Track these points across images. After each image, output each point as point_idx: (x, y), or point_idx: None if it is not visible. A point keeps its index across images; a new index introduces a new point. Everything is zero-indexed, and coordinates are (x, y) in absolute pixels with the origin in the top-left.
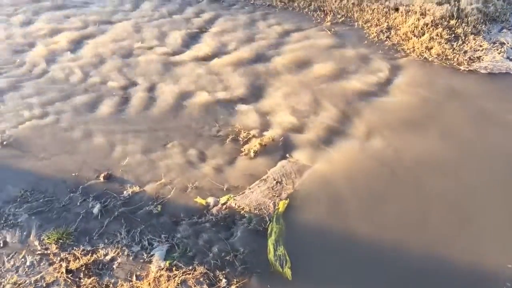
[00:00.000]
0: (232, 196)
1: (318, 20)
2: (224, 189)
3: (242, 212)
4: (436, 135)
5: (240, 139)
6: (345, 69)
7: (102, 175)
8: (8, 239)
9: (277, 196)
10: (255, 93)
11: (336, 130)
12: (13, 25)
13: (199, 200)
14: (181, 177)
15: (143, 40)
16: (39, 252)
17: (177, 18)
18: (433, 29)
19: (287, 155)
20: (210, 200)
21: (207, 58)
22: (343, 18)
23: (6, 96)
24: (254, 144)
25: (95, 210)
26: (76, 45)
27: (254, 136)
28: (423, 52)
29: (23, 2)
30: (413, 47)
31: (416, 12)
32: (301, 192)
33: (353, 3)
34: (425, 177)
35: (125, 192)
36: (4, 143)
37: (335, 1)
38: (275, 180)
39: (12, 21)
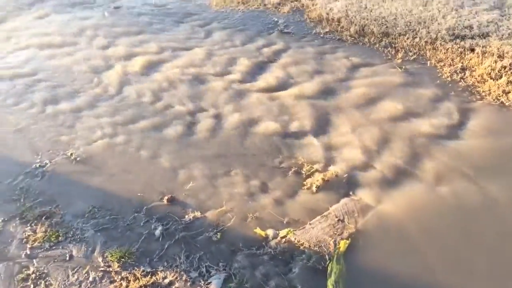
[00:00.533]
0: (292, 230)
1: (389, 57)
2: (284, 222)
3: (301, 247)
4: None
5: (303, 172)
6: (416, 109)
7: (166, 197)
8: (74, 253)
9: (338, 235)
10: (321, 127)
11: (403, 171)
12: (94, 48)
13: (258, 231)
14: (242, 206)
15: (213, 67)
16: (102, 268)
17: (248, 48)
18: (511, 72)
19: (351, 193)
20: (270, 232)
21: (274, 89)
22: (415, 56)
23: (81, 114)
24: (317, 179)
25: (157, 232)
26: (150, 69)
27: (317, 170)
28: (499, 96)
29: (103, 26)
30: (489, 90)
31: (493, 54)
32: (363, 232)
33: (425, 41)
34: (498, 226)
35: (186, 216)
36: (78, 159)
37: (407, 39)
38: (336, 217)
39: (93, 44)
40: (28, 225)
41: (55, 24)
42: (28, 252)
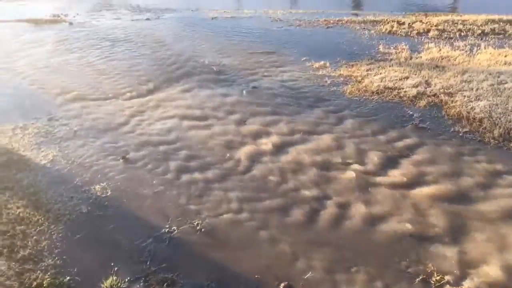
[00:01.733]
0: None
1: None
2: None
3: None
4: None
5: (432, 282)
6: None
7: (283, 284)
8: None
9: None
10: (455, 234)
11: None
12: (230, 123)
13: None
14: None
15: (343, 155)
16: None
17: (379, 139)
18: None
19: None
20: None
21: (406, 186)
22: None
23: (211, 186)
24: None
25: None
26: (280, 149)
27: (448, 282)
28: None
29: (241, 103)
30: None
31: None
32: None
33: None
34: None
35: None
36: (202, 230)
37: None
38: None
39: (230, 119)
40: None
41: (198, 98)
42: None
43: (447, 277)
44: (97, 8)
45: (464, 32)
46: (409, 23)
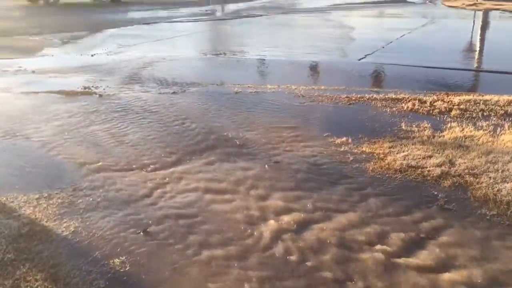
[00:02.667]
0: None
1: None
2: None
3: None
4: None
5: None
6: None
7: None
8: None
9: None
10: None
11: None
12: (251, 198)
13: None
14: None
15: (366, 235)
16: None
17: (403, 220)
18: None
19: None
20: None
21: (431, 270)
22: None
23: (231, 263)
24: None
25: None
26: (301, 227)
27: None
28: None
29: (262, 178)
30: None
31: None
32: None
33: None
34: None
35: None
36: None
37: None
38: None
39: (251, 194)
40: None
41: (220, 171)
42: None
43: None
44: (126, 80)
45: (487, 112)
46: (431, 102)
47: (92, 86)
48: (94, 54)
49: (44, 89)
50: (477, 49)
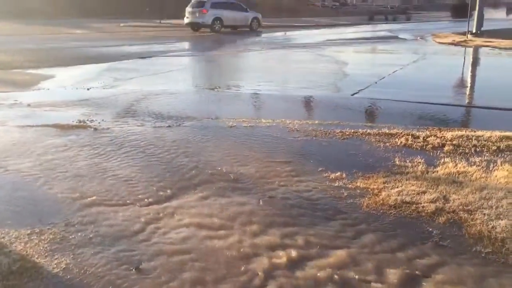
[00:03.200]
0: None
1: None
2: None
3: None
4: None
5: None
6: None
7: None
8: None
9: None
10: None
11: None
12: (246, 234)
13: None
14: None
15: (360, 272)
16: None
17: (398, 256)
18: None
19: None
20: None
21: None
22: None
23: None
24: None
25: None
26: (296, 263)
27: None
28: None
29: (257, 213)
30: None
31: None
32: None
33: None
34: None
35: None
36: None
37: None
38: None
39: (246, 230)
40: None
41: (214, 206)
42: None
43: None
44: (122, 114)
45: (479, 147)
46: (424, 137)
47: (87, 120)
48: (90, 88)
49: (39, 122)
50: (468, 85)
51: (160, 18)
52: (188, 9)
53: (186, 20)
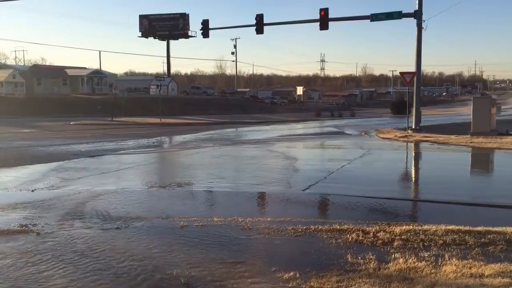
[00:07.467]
0: None
1: None
2: None
3: None
4: None
5: None
6: None
7: None
8: None
9: None
10: None
11: None
12: None
13: None
14: None
15: None
16: None
17: None
18: None
19: None
20: None
21: None
22: None
23: None
24: None
25: None
26: None
27: None
28: None
29: None
30: None
31: None
32: None
33: None
34: None
35: None
36: None
37: None
38: None
39: None
40: None
41: None
42: None
43: None
44: (68, 217)
45: (427, 242)
46: (373, 232)
47: (30, 224)
48: (35, 189)
49: None
50: (412, 179)
51: (112, 116)
52: None
53: None
